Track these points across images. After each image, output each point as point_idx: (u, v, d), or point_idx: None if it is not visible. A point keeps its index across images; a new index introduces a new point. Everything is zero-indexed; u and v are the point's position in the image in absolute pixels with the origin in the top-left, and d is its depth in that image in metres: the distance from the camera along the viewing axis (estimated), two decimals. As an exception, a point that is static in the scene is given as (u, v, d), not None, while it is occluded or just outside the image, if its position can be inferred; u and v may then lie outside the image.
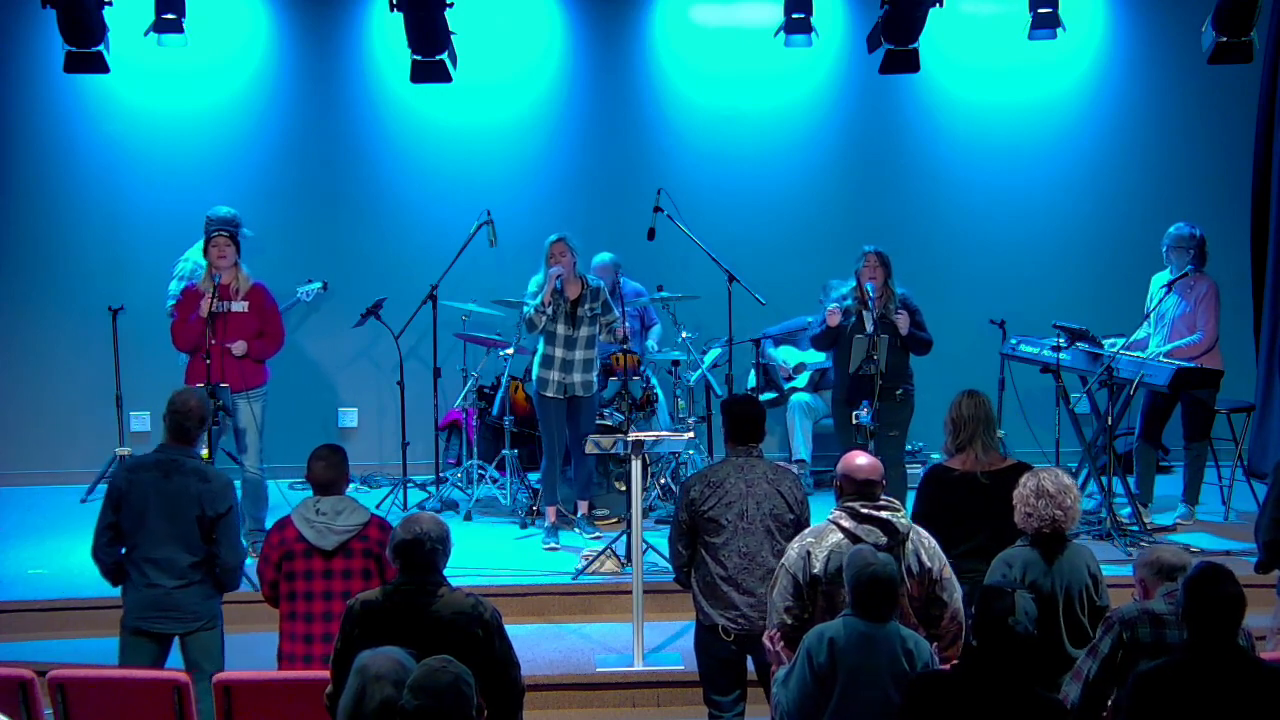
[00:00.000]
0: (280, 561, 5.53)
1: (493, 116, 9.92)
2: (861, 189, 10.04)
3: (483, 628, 4.65)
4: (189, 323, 7.78)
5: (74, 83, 9.21)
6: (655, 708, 6.71)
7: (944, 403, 6.19)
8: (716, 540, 5.70)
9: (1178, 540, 7.90)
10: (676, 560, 5.89)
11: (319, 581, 5.49)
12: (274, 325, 7.98)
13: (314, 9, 9.80)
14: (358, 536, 5.50)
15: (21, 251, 9.75)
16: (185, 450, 5.82)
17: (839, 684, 4.56)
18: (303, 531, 5.48)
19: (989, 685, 4.26)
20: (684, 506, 5.77)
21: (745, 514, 5.68)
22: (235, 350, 7.75)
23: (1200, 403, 8.27)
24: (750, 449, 5.83)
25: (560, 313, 8.06)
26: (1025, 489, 5.29)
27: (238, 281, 7.83)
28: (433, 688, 3.76)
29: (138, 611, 5.77)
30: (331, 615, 5.41)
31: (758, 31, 9.48)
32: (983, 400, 6.02)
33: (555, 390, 8.12)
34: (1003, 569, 5.24)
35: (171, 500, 5.70)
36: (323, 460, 5.61)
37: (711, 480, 5.76)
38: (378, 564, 5.49)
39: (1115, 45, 10.03)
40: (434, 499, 8.80)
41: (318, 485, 5.59)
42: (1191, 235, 8.22)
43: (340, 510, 5.51)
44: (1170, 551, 4.92)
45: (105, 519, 5.84)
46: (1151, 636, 4.64)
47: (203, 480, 5.72)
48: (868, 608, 4.62)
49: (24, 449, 9.78)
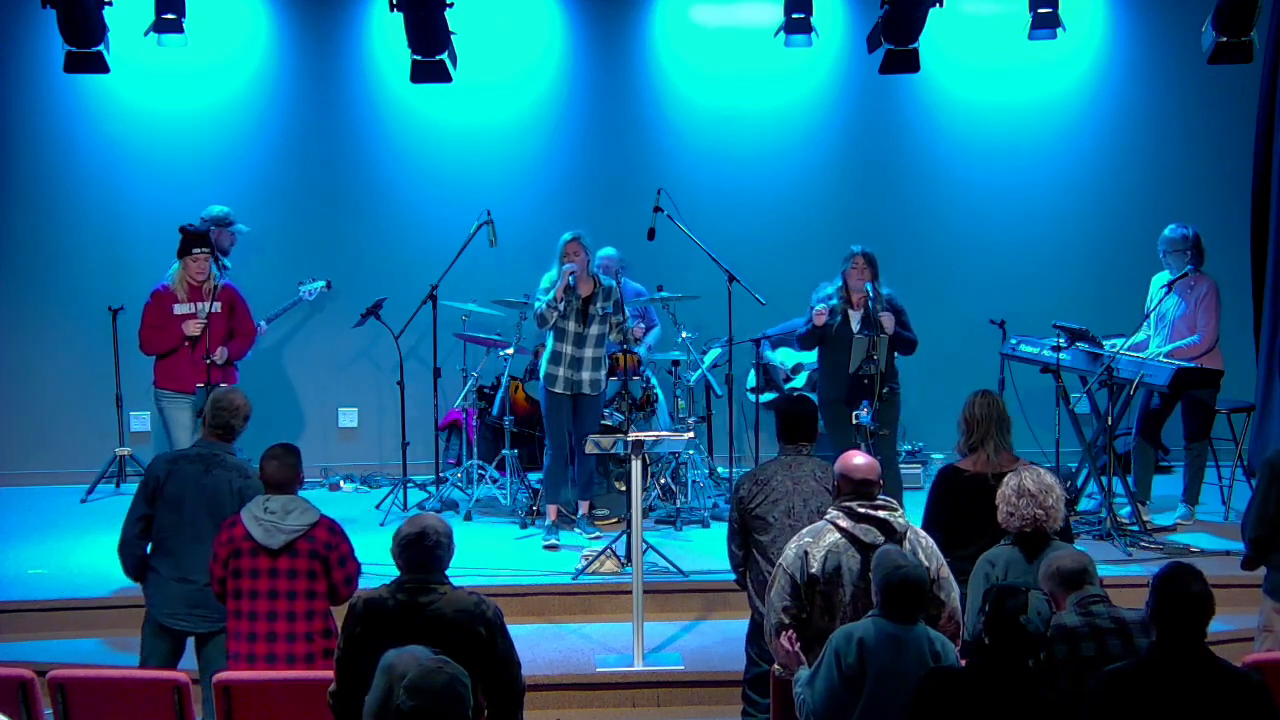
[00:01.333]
0: (228, 559, 5.45)
1: (493, 116, 9.92)
2: (862, 189, 10.04)
3: (485, 626, 4.65)
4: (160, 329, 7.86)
5: (74, 83, 9.22)
6: (655, 708, 6.71)
7: (943, 403, 6.20)
8: (764, 538, 5.74)
9: (1178, 540, 7.91)
10: (732, 560, 5.97)
11: (264, 580, 5.41)
12: (245, 324, 8.13)
13: (314, 9, 9.80)
14: (304, 537, 5.42)
15: (21, 251, 9.75)
16: (226, 447, 5.89)
17: (867, 685, 4.56)
18: (250, 530, 5.41)
19: (997, 683, 4.26)
20: (734, 505, 5.85)
21: (792, 511, 5.71)
22: (218, 359, 7.84)
23: (1200, 403, 8.27)
24: (800, 448, 5.91)
25: (571, 310, 8.09)
26: (1007, 488, 5.31)
27: (210, 282, 7.92)
28: (428, 688, 3.76)
29: (167, 607, 5.79)
30: (276, 615, 5.39)
31: (758, 31, 9.48)
32: (996, 401, 6.01)
33: (563, 387, 8.13)
34: (985, 568, 5.26)
35: (211, 494, 5.74)
36: (276, 459, 5.54)
37: (759, 478, 5.82)
38: (324, 565, 5.43)
39: (1115, 45, 10.04)
40: (434, 499, 8.80)
41: (270, 484, 5.52)
42: (1184, 237, 8.22)
43: (290, 510, 5.44)
44: (1069, 557, 4.90)
45: (138, 510, 5.84)
46: (1067, 653, 4.60)
47: (244, 476, 5.78)
48: (897, 609, 4.62)
49: (24, 449, 9.78)
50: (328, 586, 5.44)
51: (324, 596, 5.45)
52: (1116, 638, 4.62)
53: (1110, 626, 4.65)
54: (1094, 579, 4.83)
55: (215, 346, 7.90)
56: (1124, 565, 7.44)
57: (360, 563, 5.59)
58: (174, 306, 7.94)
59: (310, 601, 5.42)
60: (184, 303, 7.94)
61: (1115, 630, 4.64)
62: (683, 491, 8.66)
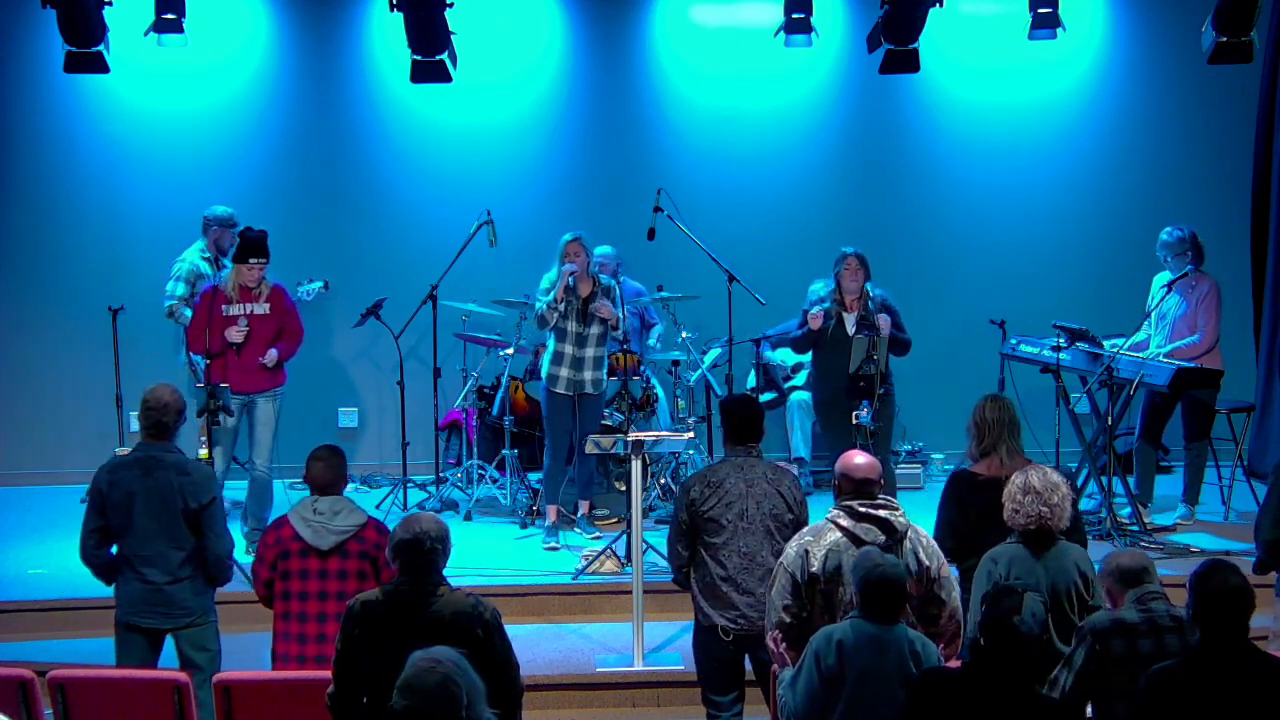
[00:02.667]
0: (276, 561, 5.52)
1: (493, 116, 9.92)
2: (861, 189, 10.05)
3: (483, 628, 4.64)
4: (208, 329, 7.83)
5: (74, 83, 9.21)
6: (655, 708, 6.71)
7: (943, 403, 6.19)
8: (716, 540, 5.69)
9: (1178, 540, 7.91)
10: (675, 561, 5.87)
11: (314, 581, 5.48)
12: (293, 324, 8.09)
13: (314, 9, 9.81)
14: (355, 538, 5.49)
15: (21, 251, 9.75)
16: (164, 446, 5.81)
17: (847, 686, 4.55)
18: (300, 531, 5.48)
19: (993, 684, 4.26)
20: (683, 507, 5.76)
21: (745, 514, 5.68)
22: (267, 361, 7.84)
23: (1200, 403, 8.27)
24: (749, 449, 5.83)
25: (572, 310, 8.09)
26: (1014, 486, 5.30)
27: (260, 285, 7.89)
28: (420, 688, 3.76)
29: (129, 606, 5.79)
30: (326, 616, 5.42)
31: (758, 31, 9.48)
32: (1007, 404, 5.98)
33: (565, 387, 8.13)
34: (989, 565, 5.25)
35: (154, 496, 5.71)
36: (322, 461, 5.62)
37: (711, 480, 5.75)
38: (373, 565, 5.48)
39: (1115, 45, 10.04)
40: (434, 499, 8.80)
41: (316, 486, 5.60)
42: (1181, 239, 8.21)
43: (338, 510, 5.51)
44: (1128, 556, 4.89)
45: (90, 522, 5.82)
46: (1124, 648, 4.60)
47: (182, 473, 5.73)
48: (876, 609, 4.61)
49: (24, 449, 9.78)
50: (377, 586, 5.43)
51: None
52: (1174, 635, 4.59)
53: (1169, 624, 4.62)
54: (1153, 577, 4.79)
55: (264, 348, 7.89)
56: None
57: None
58: (224, 307, 7.88)
59: None
60: (234, 304, 7.90)
61: (1173, 628, 4.61)
62: (683, 491, 8.65)
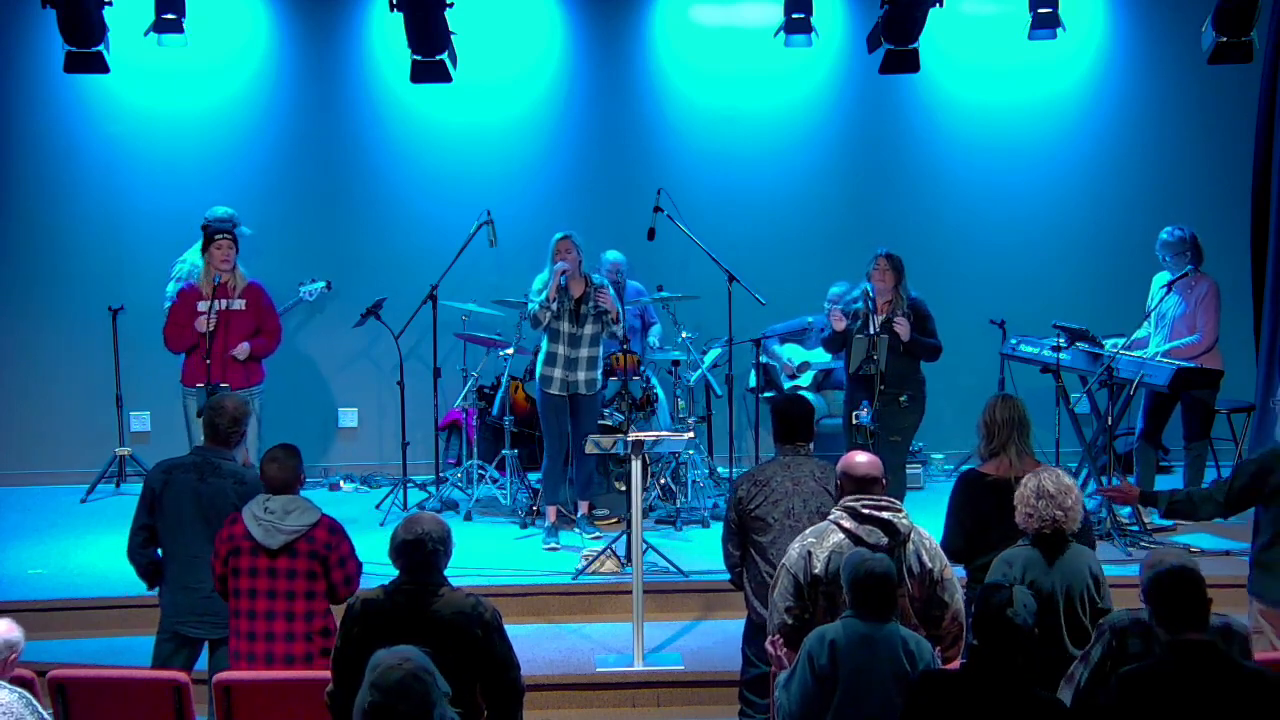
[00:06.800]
0: (227, 557, 5.45)
1: (493, 116, 9.92)
2: (861, 189, 10.04)
3: (482, 628, 4.64)
4: (185, 327, 7.88)
5: (74, 83, 9.21)
6: (655, 708, 6.71)
7: (943, 403, 6.19)
8: (764, 539, 5.72)
9: (1178, 541, 7.92)
10: (728, 561, 5.94)
11: (264, 580, 5.41)
12: (272, 322, 8.10)
13: (314, 9, 9.80)
14: (304, 538, 5.41)
15: (21, 251, 9.75)
16: (221, 452, 5.85)
17: (840, 686, 4.56)
18: (250, 529, 5.41)
19: (990, 684, 4.25)
20: (732, 506, 5.82)
21: (791, 512, 5.70)
22: (238, 354, 7.86)
23: (1200, 403, 8.27)
24: (798, 448, 5.87)
25: (564, 310, 8.08)
26: (1026, 489, 5.28)
27: (235, 280, 7.92)
28: (384, 685, 3.79)
29: (176, 615, 5.79)
30: (275, 615, 5.39)
31: (758, 31, 9.48)
32: (1016, 404, 5.95)
33: (559, 388, 8.12)
34: (1003, 568, 5.23)
35: (208, 502, 5.73)
36: (276, 461, 5.53)
37: (758, 479, 5.79)
38: (323, 565, 5.42)
39: (1115, 45, 10.04)
40: (434, 499, 8.80)
41: (271, 486, 5.51)
42: (1181, 239, 8.22)
43: (290, 510, 5.43)
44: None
45: (140, 520, 5.84)
46: (1140, 646, 4.59)
47: (239, 483, 5.76)
48: (866, 607, 4.62)
49: (24, 449, 9.78)
50: (327, 587, 5.44)
51: (323, 597, 5.45)
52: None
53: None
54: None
55: (239, 343, 7.91)
56: (1124, 565, 7.43)
57: (361, 562, 5.58)
58: (198, 304, 7.92)
59: (309, 602, 5.41)
60: (207, 299, 7.92)
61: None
62: (683, 491, 8.67)
